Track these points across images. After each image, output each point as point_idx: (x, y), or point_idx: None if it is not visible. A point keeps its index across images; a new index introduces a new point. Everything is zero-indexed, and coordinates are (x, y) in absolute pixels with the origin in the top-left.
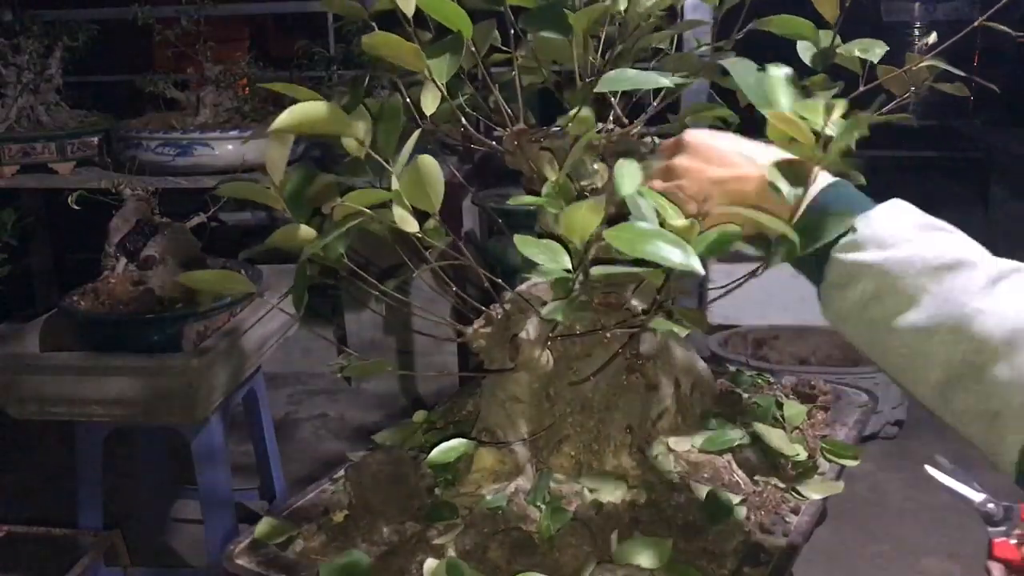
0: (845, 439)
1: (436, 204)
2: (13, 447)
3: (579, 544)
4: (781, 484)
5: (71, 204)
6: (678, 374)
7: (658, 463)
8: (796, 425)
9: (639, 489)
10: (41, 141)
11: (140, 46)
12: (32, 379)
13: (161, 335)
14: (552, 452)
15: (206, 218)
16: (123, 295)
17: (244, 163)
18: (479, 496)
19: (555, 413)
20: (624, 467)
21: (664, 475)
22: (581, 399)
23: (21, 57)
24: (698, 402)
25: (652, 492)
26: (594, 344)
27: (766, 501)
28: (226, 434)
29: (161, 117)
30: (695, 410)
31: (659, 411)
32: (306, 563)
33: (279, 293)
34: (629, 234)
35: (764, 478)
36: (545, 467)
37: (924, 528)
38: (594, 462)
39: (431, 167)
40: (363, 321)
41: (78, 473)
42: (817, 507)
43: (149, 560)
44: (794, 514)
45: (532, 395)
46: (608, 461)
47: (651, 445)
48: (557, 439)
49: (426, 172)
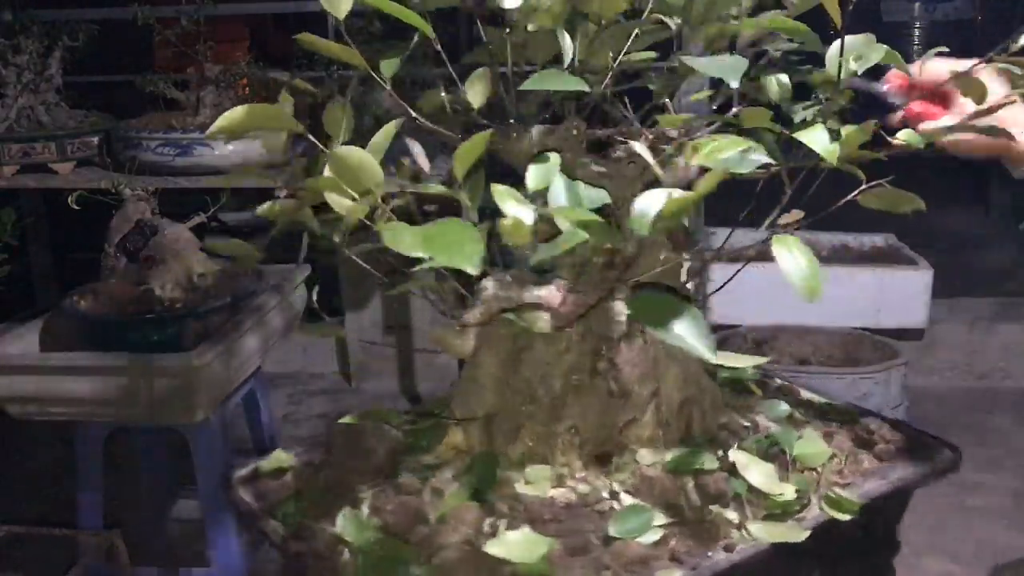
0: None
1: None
2: (13, 447)
3: (457, 527)
4: (734, 519)
5: (71, 204)
6: (664, 386)
7: (611, 472)
8: (810, 467)
9: (569, 490)
10: (41, 141)
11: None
12: (32, 379)
13: (161, 335)
14: (510, 439)
15: (206, 218)
16: (123, 295)
17: (244, 163)
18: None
19: (511, 401)
20: (572, 467)
21: (609, 484)
22: (528, 390)
23: (21, 57)
24: (693, 419)
25: (580, 495)
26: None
27: (701, 532)
28: (226, 434)
29: (161, 117)
30: (680, 426)
31: (626, 420)
32: None
33: (279, 293)
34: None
35: (720, 509)
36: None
37: (924, 528)
38: (549, 456)
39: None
40: (363, 321)
41: (78, 473)
42: (757, 551)
43: (149, 560)
44: (725, 551)
45: (493, 380)
46: (558, 458)
47: (621, 453)
48: (515, 427)
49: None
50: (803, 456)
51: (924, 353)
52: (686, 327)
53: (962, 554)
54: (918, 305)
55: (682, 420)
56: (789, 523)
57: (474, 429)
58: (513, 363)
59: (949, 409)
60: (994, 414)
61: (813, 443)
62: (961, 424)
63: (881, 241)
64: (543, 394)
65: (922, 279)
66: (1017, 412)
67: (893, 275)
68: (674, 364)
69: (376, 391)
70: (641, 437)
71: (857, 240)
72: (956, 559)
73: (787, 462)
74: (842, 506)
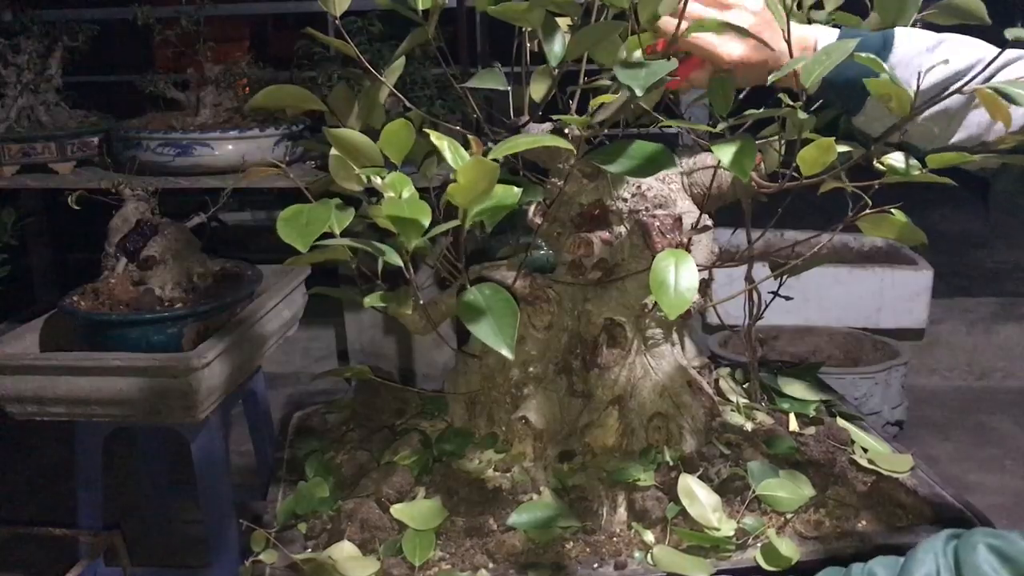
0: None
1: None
2: (13, 447)
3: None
4: (649, 540)
5: (71, 204)
6: (635, 396)
7: (554, 468)
8: (779, 510)
9: (503, 475)
10: (41, 141)
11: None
12: (32, 379)
13: (161, 335)
14: (483, 419)
15: (206, 218)
16: (123, 295)
17: (244, 163)
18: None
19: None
20: (525, 455)
21: (548, 478)
22: (489, 376)
23: (21, 57)
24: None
25: (512, 483)
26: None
27: (604, 543)
28: (226, 434)
29: (161, 117)
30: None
31: (586, 422)
32: None
33: (279, 293)
34: None
35: (642, 528)
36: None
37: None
38: (512, 441)
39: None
40: (363, 321)
41: (78, 473)
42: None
43: (149, 560)
44: (616, 569)
45: (475, 362)
46: (515, 445)
47: (585, 455)
48: (486, 407)
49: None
50: (769, 498)
51: (924, 353)
52: (488, 326)
53: None
54: (918, 305)
55: (652, 434)
56: (707, 560)
57: (456, 406)
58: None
59: (949, 409)
60: (994, 414)
61: (790, 487)
62: (961, 424)
63: (881, 241)
64: (501, 381)
65: (922, 279)
66: (1017, 412)
67: (893, 275)
68: (654, 377)
69: None
70: (606, 443)
71: (857, 240)
72: None
73: (747, 500)
74: (775, 557)
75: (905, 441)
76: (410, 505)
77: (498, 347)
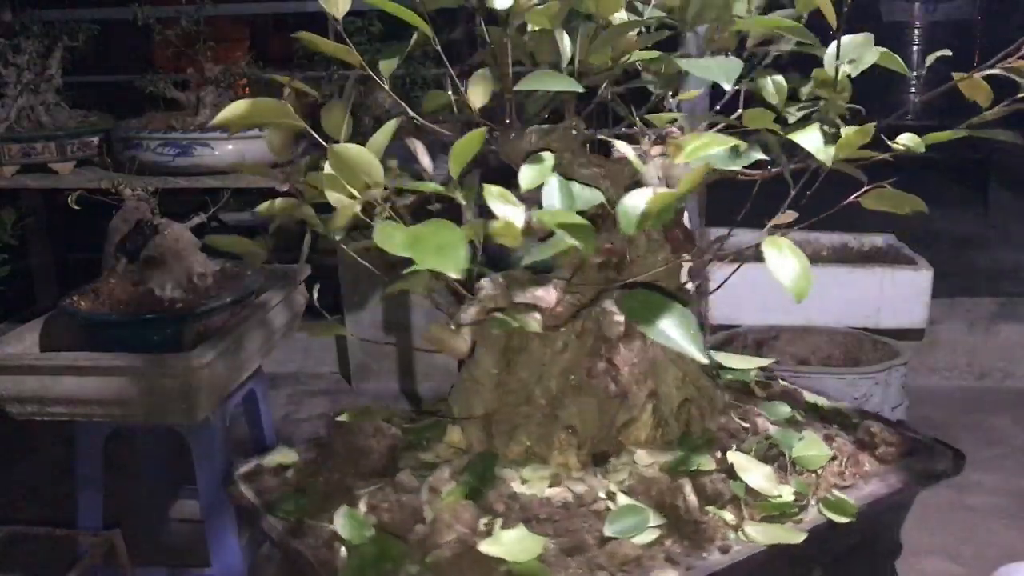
0: (866, 495)
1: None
2: (13, 447)
3: (453, 524)
4: (732, 520)
5: (71, 204)
6: (662, 386)
7: (609, 472)
8: (810, 469)
9: (564, 488)
10: (41, 141)
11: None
12: (32, 379)
13: (161, 335)
14: (507, 439)
15: (206, 218)
16: (123, 295)
17: (244, 163)
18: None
19: (508, 401)
20: (569, 466)
21: (607, 484)
22: (525, 391)
23: (21, 57)
24: (692, 420)
25: (576, 495)
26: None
27: (696, 533)
28: (226, 434)
29: (161, 117)
30: (679, 427)
31: (625, 420)
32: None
33: (279, 293)
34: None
35: (718, 509)
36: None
37: (924, 528)
38: (547, 455)
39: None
40: (363, 321)
41: (78, 473)
42: (753, 553)
43: (149, 560)
44: (720, 552)
45: (491, 380)
46: (555, 458)
47: (619, 454)
48: (511, 426)
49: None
50: (803, 459)
51: (924, 353)
52: (674, 326)
53: (962, 554)
54: (918, 305)
55: (681, 421)
56: (787, 525)
57: (472, 428)
58: (509, 363)
59: (949, 409)
60: (994, 414)
61: (813, 446)
62: (961, 424)
63: (881, 241)
64: (539, 395)
65: (922, 279)
66: (1017, 412)
67: (893, 275)
68: (672, 365)
69: (376, 391)
70: (639, 438)
71: (857, 240)
72: (956, 559)
73: (786, 464)
74: (841, 509)
75: None
76: (497, 540)
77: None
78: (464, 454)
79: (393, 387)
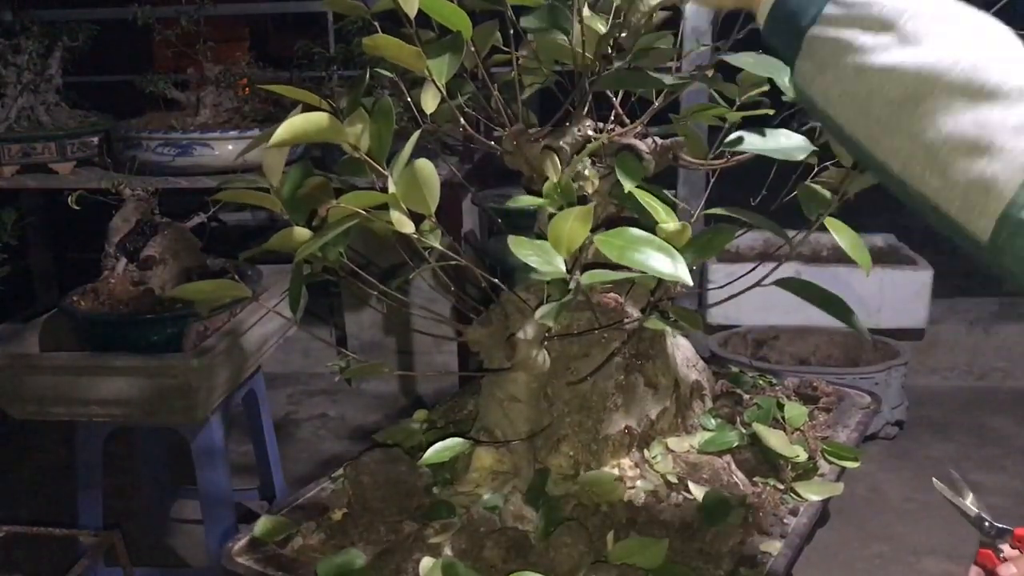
0: (847, 441)
1: (432, 207)
2: (13, 447)
3: (574, 543)
4: (780, 485)
5: (71, 204)
6: (677, 375)
7: (657, 463)
8: (797, 427)
9: (636, 490)
10: (41, 141)
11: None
12: (32, 379)
13: (161, 335)
14: (551, 452)
15: (206, 218)
16: (123, 295)
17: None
18: (476, 495)
19: (553, 413)
20: (623, 467)
21: (662, 476)
22: (580, 399)
23: (21, 57)
24: (698, 403)
25: (649, 492)
26: (592, 344)
27: (764, 502)
28: (226, 434)
29: (161, 117)
30: (695, 411)
31: (658, 411)
32: (304, 561)
33: (279, 293)
34: (619, 240)
35: (763, 479)
36: (543, 467)
37: (924, 528)
38: (593, 462)
39: (427, 171)
40: (363, 321)
41: (78, 473)
42: (816, 509)
43: (149, 560)
44: (792, 515)
45: (530, 395)
46: (607, 461)
47: (650, 446)
48: (556, 439)
49: (423, 176)
50: (792, 419)
51: (924, 353)
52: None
53: (962, 554)
54: (918, 305)
55: (697, 402)
56: (824, 479)
57: (516, 448)
58: (561, 374)
59: (949, 409)
60: (994, 414)
61: (793, 406)
62: (961, 424)
63: (881, 241)
64: (596, 400)
65: (922, 279)
66: (1017, 412)
67: (893, 275)
68: (679, 350)
69: (376, 391)
70: (664, 427)
71: None
72: (956, 559)
73: (783, 427)
74: (845, 454)
75: (905, 441)
76: (624, 546)
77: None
78: (501, 476)
79: (393, 387)
